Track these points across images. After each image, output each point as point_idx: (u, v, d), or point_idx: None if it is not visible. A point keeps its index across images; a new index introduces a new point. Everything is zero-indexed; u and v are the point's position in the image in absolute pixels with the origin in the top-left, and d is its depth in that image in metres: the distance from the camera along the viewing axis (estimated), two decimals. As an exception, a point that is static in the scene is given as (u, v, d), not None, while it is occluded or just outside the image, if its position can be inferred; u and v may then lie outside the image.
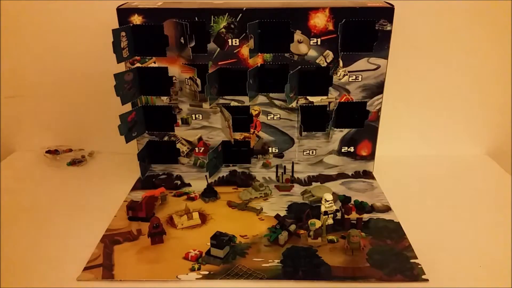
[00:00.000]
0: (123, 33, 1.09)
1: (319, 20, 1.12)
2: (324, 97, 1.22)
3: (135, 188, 1.25)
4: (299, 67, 1.17)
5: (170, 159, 1.31)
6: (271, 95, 1.22)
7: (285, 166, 1.30)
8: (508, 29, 1.28)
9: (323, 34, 1.14)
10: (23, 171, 1.36)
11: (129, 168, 1.30)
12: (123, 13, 1.12)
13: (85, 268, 0.93)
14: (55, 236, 1.04)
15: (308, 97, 1.22)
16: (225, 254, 0.95)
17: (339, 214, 1.07)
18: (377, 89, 1.21)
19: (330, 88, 1.20)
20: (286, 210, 1.14)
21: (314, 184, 1.26)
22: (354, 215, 1.06)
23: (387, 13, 1.11)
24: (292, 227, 1.03)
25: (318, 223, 1.01)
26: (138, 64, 1.18)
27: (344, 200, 1.16)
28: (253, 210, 1.13)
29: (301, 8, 1.12)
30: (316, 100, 1.22)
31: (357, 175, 1.32)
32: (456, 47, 1.31)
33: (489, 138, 1.45)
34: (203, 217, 1.11)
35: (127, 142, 1.18)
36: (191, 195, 1.20)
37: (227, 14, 1.12)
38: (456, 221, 1.10)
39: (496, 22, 1.28)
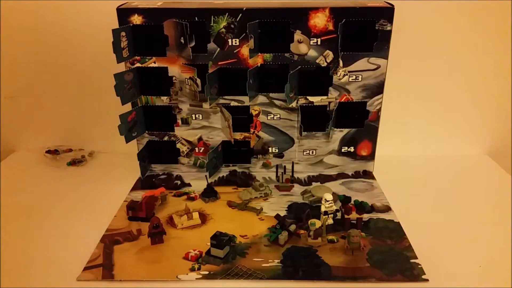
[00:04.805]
0: (123, 33, 1.09)
1: (319, 20, 1.12)
2: (324, 97, 1.22)
3: (135, 188, 1.25)
4: (299, 67, 1.17)
5: (170, 159, 1.31)
6: (271, 95, 1.22)
7: (285, 166, 1.30)
8: (508, 29, 1.28)
9: (323, 34, 1.14)
10: (23, 171, 1.36)
11: (129, 168, 1.30)
12: (123, 13, 1.12)
13: (85, 268, 0.93)
14: (55, 236, 1.04)
15: (308, 97, 1.22)
16: (225, 254, 0.95)
17: (339, 214, 1.07)
18: (377, 89, 1.21)
19: (330, 88, 1.20)
20: (286, 210, 1.14)
21: (314, 184, 1.26)
22: (354, 215, 1.06)
23: (387, 13, 1.11)
24: (292, 227, 1.03)
25: (318, 223, 1.01)
26: (138, 64, 1.18)
27: (344, 200, 1.16)
28: (253, 210, 1.13)
29: (301, 8, 1.12)
30: (316, 100, 1.22)
31: (357, 175, 1.32)
32: (456, 47, 1.31)
33: (489, 138, 1.45)
34: (203, 217, 1.11)
35: (127, 142, 1.18)
36: (191, 195, 1.20)
37: (227, 14, 1.12)
38: (456, 221, 1.10)
39: (496, 22, 1.28)
